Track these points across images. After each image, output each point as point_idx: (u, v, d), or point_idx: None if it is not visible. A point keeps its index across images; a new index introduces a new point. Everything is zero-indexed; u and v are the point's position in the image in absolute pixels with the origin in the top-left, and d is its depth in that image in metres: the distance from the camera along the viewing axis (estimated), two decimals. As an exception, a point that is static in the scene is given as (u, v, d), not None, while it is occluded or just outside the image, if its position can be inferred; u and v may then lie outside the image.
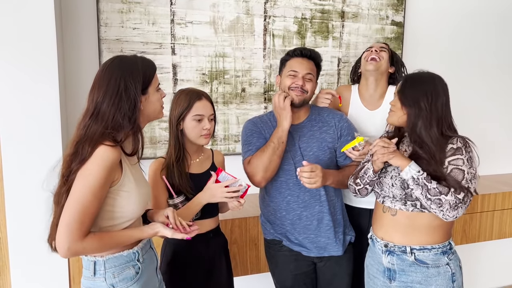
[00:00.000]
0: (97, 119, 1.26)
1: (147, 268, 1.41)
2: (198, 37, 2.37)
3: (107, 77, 1.28)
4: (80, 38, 2.18)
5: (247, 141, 1.86)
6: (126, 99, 1.26)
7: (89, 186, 1.21)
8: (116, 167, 1.27)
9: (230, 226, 2.16)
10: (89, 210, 1.22)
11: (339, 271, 1.90)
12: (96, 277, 1.32)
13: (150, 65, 1.36)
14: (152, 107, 1.36)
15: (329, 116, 1.90)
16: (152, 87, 1.34)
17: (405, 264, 1.61)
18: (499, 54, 3.15)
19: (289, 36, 2.56)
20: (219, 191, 1.61)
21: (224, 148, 2.51)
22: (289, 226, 1.85)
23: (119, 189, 1.29)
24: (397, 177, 1.60)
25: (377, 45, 2.08)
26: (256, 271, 2.26)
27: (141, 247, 1.39)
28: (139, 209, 1.35)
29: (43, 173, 1.84)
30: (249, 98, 2.53)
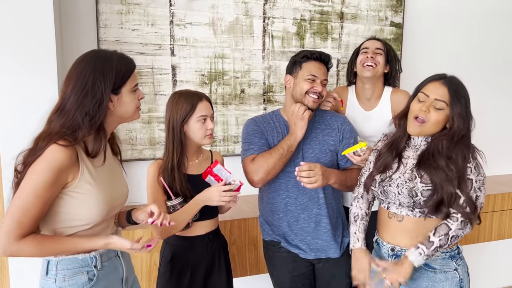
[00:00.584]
0: (60, 115, 1.21)
1: (107, 276, 1.32)
2: (197, 38, 2.37)
3: (78, 71, 1.22)
4: (79, 40, 2.19)
5: (248, 139, 1.84)
6: (91, 97, 1.20)
7: (33, 187, 1.15)
8: (69, 168, 1.19)
9: (229, 227, 2.16)
10: (30, 212, 1.16)
11: (338, 272, 1.90)
12: (48, 277, 1.27)
13: (127, 63, 1.29)
14: (124, 109, 1.29)
15: (332, 119, 1.90)
16: (126, 87, 1.27)
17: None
18: (498, 55, 3.15)
19: (288, 37, 2.56)
20: (216, 194, 1.60)
21: (223, 149, 2.51)
22: (286, 228, 1.85)
23: (74, 191, 1.22)
24: (403, 185, 1.55)
25: (372, 47, 2.05)
26: (255, 272, 2.26)
27: (101, 253, 1.31)
28: (99, 213, 1.27)
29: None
30: (248, 99, 2.53)
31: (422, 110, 1.51)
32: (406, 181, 1.54)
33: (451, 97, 1.50)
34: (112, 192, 1.32)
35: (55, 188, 1.19)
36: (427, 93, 1.53)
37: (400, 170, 1.59)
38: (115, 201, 1.35)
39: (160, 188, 1.66)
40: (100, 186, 1.27)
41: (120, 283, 1.38)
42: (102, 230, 1.33)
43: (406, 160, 1.60)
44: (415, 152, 1.59)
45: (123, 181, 1.44)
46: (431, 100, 1.51)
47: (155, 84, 2.33)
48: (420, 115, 1.52)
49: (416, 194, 1.52)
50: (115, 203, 1.35)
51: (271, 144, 1.83)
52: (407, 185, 1.54)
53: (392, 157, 1.61)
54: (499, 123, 3.24)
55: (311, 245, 1.85)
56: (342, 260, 1.90)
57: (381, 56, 2.04)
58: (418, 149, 1.59)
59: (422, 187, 1.52)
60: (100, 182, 1.27)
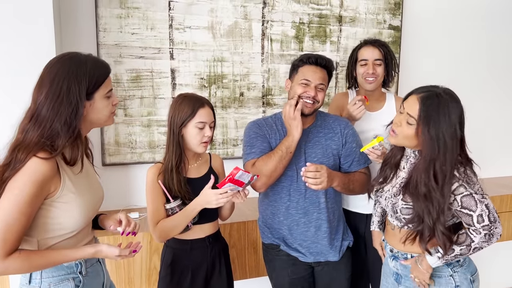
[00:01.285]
0: (35, 124, 1.16)
1: (91, 282, 1.32)
2: (196, 42, 2.38)
3: (52, 74, 1.18)
4: (79, 43, 2.19)
5: (250, 143, 1.83)
6: (68, 104, 1.16)
7: (15, 203, 1.12)
8: (51, 180, 1.17)
9: (229, 230, 2.16)
10: (14, 228, 1.13)
11: (337, 275, 1.90)
12: (31, 286, 1.24)
13: (101, 68, 1.25)
14: (96, 115, 1.26)
15: (335, 123, 1.89)
16: (99, 92, 1.23)
17: (407, 271, 1.61)
18: (497, 57, 3.17)
19: (287, 41, 2.57)
20: (213, 198, 1.59)
21: (222, 152, 2.51)
22: (286, 231, 1.85)
23: (57, 201, 1.20)
24: (389, 199, 1.58)
25: (371, 59, 2.05)
26: (255, 275, 2.26)
27: (86, 259, 1.30)
28: (82, 220, 1.26)
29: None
30: (248, 102, 2.54)
31: (395, 122, 1.51)
32: (392, 195, 1.57)
33: (420, 116, 1.41)
34: (92, 197, 1.31)
35: (38, 201, 1.16)
36: (405, 105, 1.49)
37: (392, 183, 1.60)
38: (95, 205, 1.34)
39: (159, 191, 1.66)
40: (81, 193, 1.25)
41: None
42: (84, 236, 1.32)
43: (399, 173, 1.60)
44: (405, 163, 1.59)
45: (99, 184, 1.41)
46: (404, 114, 1.47)
47: (154, 88, 2.33)
48: (393, 127, 1.52)
49: (396, 211, 1.55)
50: (95, 208, 1.34)
51: (272, 146, 1.82)
52: (391, 200, 1.57)
53: (390, 168, 1.62)
54: (497, 125, 3.25)
55: (310, 248, 1.85)
56: (341, 264, 1.90)
57: (380, 67, 2.06)
58: (408, 159, 1.57)
59: (402, 204, 1.52)
60: (81, 188, 1.26)
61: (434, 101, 1.41)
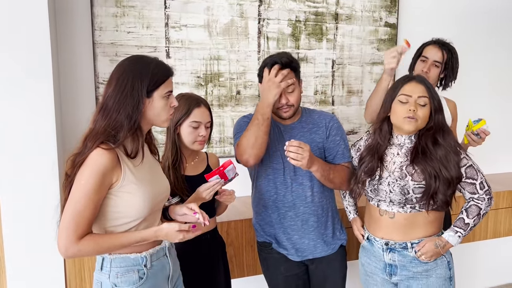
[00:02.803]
0: (103, 115, 1.28)
1: (155, 275, 1.40)
2: (192, 40, 2.38)
3: (120, 72, 1.30)
4: (74, 42, 2.19)
5: (238, 130, 1.85)
6: (131, 99, 1.27)
7: (83, 191, 1.23)
8: (112, 170, 1.27)
9: (226, 228, 2.16)
10: (84, 214, 1.24)
11: (331, 274, 1.90)
12: (102, 272, 1.35)
13: (163, 69, 1.34)
14: (153, 113, 1.34)
15: (320, 117, 1.91)
16: (158, 92, 1.32)
17: (406, 260, 1.68)
18: (492, 54, 3.17)
19: (283, 39, 2.57)
20: (204, 193, 1.61)
21: (219, 151, 2.51)
22: (275, 225, 1.86)
23: (119, 190, 1.29)
24: (394, 184, 1.63)
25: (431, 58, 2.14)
26: (253, 273, 2.26)
27: (151, 253, 1.39)
28: (144, 209, 1.34)
29: (38, 176, 1.86)
30: (244, 100, 2.54)
31: (410, 110, 1.59)
32: (396, 179, 1.63)
33: (429, 92, 1.62)
34: (154, 188, 1.38)
35: (102, 190, 1.26)
36: (408, 93, 1.62)
37: (389, 169, 1.67)
38: (158, 196, 1.41)
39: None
40: (143, 183, 1.33)
41: (166, 281, 1.45)
42: (150, 225, 1.39)
43: (393, 159, 1.67)
44: (399, 150, 1.67)
45: (163, 177, 1.50)
46: (414, 99, 1.61)
47: (151, 86, 2.33)
48: (409, 115, 1.59)
49: (408, 191, 1.61)
50: (158, 198, 1.41)
51: None
52: (398, 183, 1.62)
53: (376, 160, 1.69)
54: (494, 122, 3.26)
55: (297, 244, 1.84)
56: (335, 262, 1.90)
57: (437, 69, 2.12)
58: (403, 146, 1.67)
59: (413, 184, 1.61)
60: (142, 179, 1.34)
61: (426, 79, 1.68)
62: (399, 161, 1.66)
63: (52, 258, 1.90)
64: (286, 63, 1.74)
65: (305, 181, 1.83)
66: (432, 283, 1.67)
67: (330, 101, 2.73)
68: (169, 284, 1.46)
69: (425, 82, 1.65)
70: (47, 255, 1.89)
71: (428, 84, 1.65)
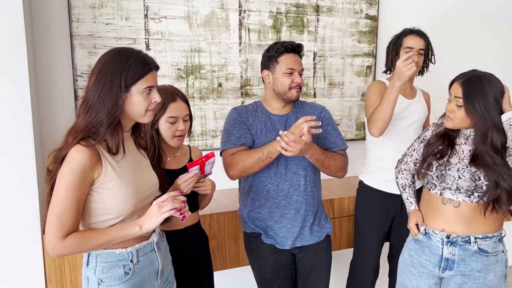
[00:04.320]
0: (85, 110, 1.26)
1: (142, 270, 1.38)
2: (172, 32, 2.35)
3: (101, 65, 1.27)
4: (51, 34, 2.14)
5: (228, 130, 1.86)
6: (110, 95, 1.24)
7: (64, 190, 1.22)
8: (93, 167, 1.26)
9: (208, 221, 2.16)
10: (68, 212, 1.23)
11: (318, 262, 1.94)
12: (88, 268, 1.35)
13: (143, 63, 1.29)
14: (132, 108, 1.30)
15: (311, 109, 1.95)
16: (136, 86, 1.27)
17: (467, 254, 1.64)
18: (473, 48, 3.22)
19: (264, 31, 2.56)
20: (182, 186, 1.59)
21: (201, 144, 2.50)
22: (266, 215, 1.87)
23: (101, 187, 1.28)
24: (465, 169, 1.62)
25: (416, 47, 2.12)
26: (235, 265, 2.27)
27: (138, 248, 1.37)
28: (127, 205, 1.31)
29: (16, 171, 1.82)
30: (226, 93, 2.53)
31: (448, 110, 1.66)
32: (467, 165, 1.62)
33: (464, 95, 1.59)
34: (138, 184, 1.36)
35: (84, 187, 1.25)
36: (451, 92, 1.66)
37: (459, 156, 1.67)
38: (143, 192, 1.38)
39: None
40: (125, 179, 1.31)
41: (155, 276, 1.43)
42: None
43: (462, 147, 1.68)
44: (466, 140, 1.68)
45: (151, 172, 1.47)
46: (453, 99, 1.64)
47: (130, 79, 2.29)
48: (447, 115, 1.67)
49: (479, 177, 1.59)
50: (143, 194, 1.38)
51: (253, 134, 1.85)
52: (468, 169, 1.61)
53: (445, 145, 1.70)
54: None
55: (289, 233, 1.87)
56: (322, 251, 1.94)
57: (422, 57, 2.14)
58: (468, 138, 1.68)
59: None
60: (124, 176, 1.32)
61: (474, 81, 1.59)
62: (468, 149, 1.65)
63: (30, 253, 1.87)
64: (299, 51, 1.86)
65: (299, 170, 1.86)
66: (489, 281, 1.64)
67: (312, 93, 2.74)
68: (158, 279, 1.44)
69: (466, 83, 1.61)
70: (25, 250, 1.86)
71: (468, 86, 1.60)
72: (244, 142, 1.83)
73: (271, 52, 1.84)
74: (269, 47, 1.88)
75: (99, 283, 1.33)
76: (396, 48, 2.19)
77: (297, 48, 1.85)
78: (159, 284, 1.45)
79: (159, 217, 1.30)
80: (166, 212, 1.30)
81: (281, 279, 1.93)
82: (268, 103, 1.91)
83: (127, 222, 1.33)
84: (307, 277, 1.95)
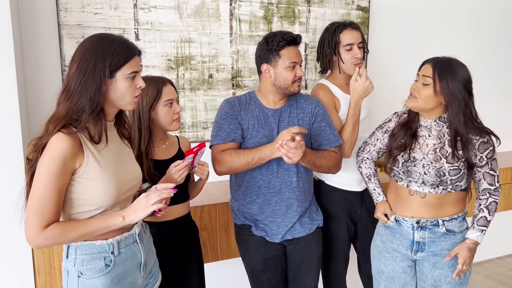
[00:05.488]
0: (66, 97, 1.23)
1: (124, 263, 1.36)
2: (162, 22, 2.32)
3: (81, 52, 1.24)
4: (38, 24, 2.10)
5: (218, 123, 1.83)
6: (93, 81, 1.21)
7: (44, 180, 1.19)
8: (74, 156, 1.22)
9: (199, 212, 2.15)
10: (48, 202, 1.20)
11: (308, 253, 1.94)
12: (68, 260, 1.32)
13: (127, 48, 1.27)
14: (117, 94, 1.27)
15: (306, 102, 1.91)
16: (121, 72, 1.26)
17: (436, 236, 1.74)
18: (466, 38, 3.22)
19: (255, 21, 2.54)
20: (176, 175, 1.58)
21: (192, 135, 2.48)
22: (257, 210, 1.86)
23: (82, 177, 1.25)
24: (430, 166, 1.68)
25: (356, 42, 2.04)
26: (227, 256, 2.27)
27: (119, 240, 1.34)
28: (109, 196, 1.29)
29: (3, 161, 1.79)
30: (217, 84, 2.51)
31: (413, 88, 1.69)
32: (431, 161, 1.67)
33: (435, 74, 1.62)
34: (121, 175, 1.33)
35: (65, 176, 1.22)
36: (419, 73, 1.69)
37: (423, 151, 1.70)
38: (126, 184, 1.36)
39: None
40: (106, 169, 1.28)
41: (138, 268, 1.41)
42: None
43: (426, 141, 1.71)
44: (429, 132, 1.71)
45: (134, 164, 1.45)
46: (420, 78, 1.67)
47: (120, 70, 2.27)
48: (411, 92, 1.69)
49: (443, 174, 1.67)
50: (125, 186, 1.35)
51: (244, 128, 1.82)
52: (433, 166, 1.67)
53: (409, 136, 1.73)
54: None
55: (280, 227, 1.86)
56: (312, 242, 1.94)
57: (361, 50, 2.08)
58: (430, 129, 1.71)
59: (449, 167, 1.66)
60: (106, 166, 1.29)
61: (445, 62, 1.64)
62: (432, 143, 1.70)
63: (19, 246, 1.84)
64: (299, 42, 1.83)
65: (291, 167, 1.84)
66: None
67: (303, 85, 2.73)
68: (141, 271, 1.42)
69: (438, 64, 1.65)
70: (14, 243, 1.84)
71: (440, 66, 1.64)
72: (234, 138, 1.81)
73: (271, 45, 1.78)
74: (267, 39, 1.81)
75: (79, 276, 1.30)
76: (333, 47, 2.07)
77: (297, 39, 1.81)
78: (142, 276, 1.43)
79: (146, 210, 1.28)
80: (154, 204, 1.28)
81: (271, 270, 1.93)
82: (264, 96, 1.87)
83: (110, 213, 1.30)
84: (298, 269, 1.95)
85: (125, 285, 1.37)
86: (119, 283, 1.34)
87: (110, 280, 1.32)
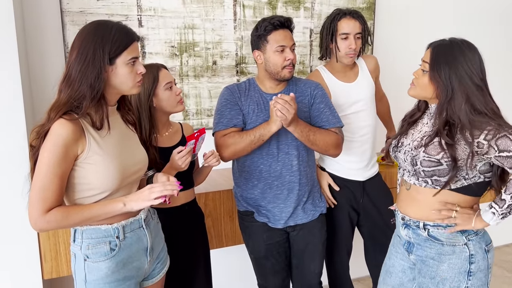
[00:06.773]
0: (67, 84, 1.25)
1: (129, 247, 1.38)
2: (165, 8, 2.30)
3: (81, 39, 1.25)
4: (41, 11, 2.09)
5: (220, 111, 1.84)
6: (93, 68, 1.23)
7: (47, 165, 1.21)
8: (76, 141, 1.24)
9: (204, 199, 2.16)
10: (50, 187, 1.22)
11: (312, 240, 1.94)
12: (75, 244, 1.35)
13: (126, 34, 1.29)
14: (118, 80, 1.29)
15: (305, 86, 1.91)
16: (121, 58, 1.27)
17: (420, 239, 1.54)
18: (472, 24, 3.17)
19: (260, 7, 2.51)
20: (179, 161, 1.58)
21: (196, 123, 2.48)
22: (259, 195, 1.87)
23: (84, 162, 1.27)
24: (408, 153, 1.52)
25: (352, 32, 2.00)
26: (231, 243, 2.28)
27: (124, 225, 1.36)
28: (112, 181, 1.30)
29: (7, 147, 1.80)
30: (221, 71, 2.49)
31: (414, 75, 1.54)
32: (412, 148, 1.52)
33: (432, 59, 1.44)
34: (124, 160, 1.35)
35: (67, 162, 1.23)
36: (422, 58, 1.51)
37: (413, 137, 1.55)
38: (130, 168, 1.37)
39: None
40: (109, 154, 1.30)
41: (144, 253, 1.43)
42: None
43: (423, 127, 1.55)
44: (429, 120, 1.54)
45: (138, 148, 1.46)
46: (421, 63, 1.51)
47: (123, 57, 2.26)
48: (412, 80, 1.54)
49: (416, 163, 1.48)
50: (129, 170, 1.37)
51: (245, 114, 1.82)
52: (411, 153, 1.51)
53: (405, 126, 1.61)
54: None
55: (282, 212, 1.87)
56: (315, 228, 1.94)
57: (359, 40, 2.04)
58: (433, 116, 1.52)
59: (423, 156, 1.46)
60: (109, 151, 1.30)
61: (445, 47, 1.44)
62: (424, 131, 1.53)
63: (25, 232, 1.86)
64: (289, 25, 1.79)
65: (291, 150, 1.84)
66: (443, 272, 1.49)
67: (308, 71, 2.70)
68: (148, 256, 1.44)
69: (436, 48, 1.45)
70: (20, 228, 1.86)
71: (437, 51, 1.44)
72: (235, 124, 1.81)
73: (259, 30, 1.78)
74: (256, 25, 1.81)
75: (85, 259, 1.33)
76: (330, 33, 2.04)
77: (286, 22, 1.78)
78: (149, 261, 1.45)
79: (147, 202, 1.29)
80: (155, 198, 1.29)
81: (275, 256, 1.93)
82: (262, 82, 1.88)
83: (112, 199, 1.32)
84: (301, 255, 1.96)
85: (130, 269, 1.39)
86: (124, 267, 1.37)
87: (116, 264, 1.34)
